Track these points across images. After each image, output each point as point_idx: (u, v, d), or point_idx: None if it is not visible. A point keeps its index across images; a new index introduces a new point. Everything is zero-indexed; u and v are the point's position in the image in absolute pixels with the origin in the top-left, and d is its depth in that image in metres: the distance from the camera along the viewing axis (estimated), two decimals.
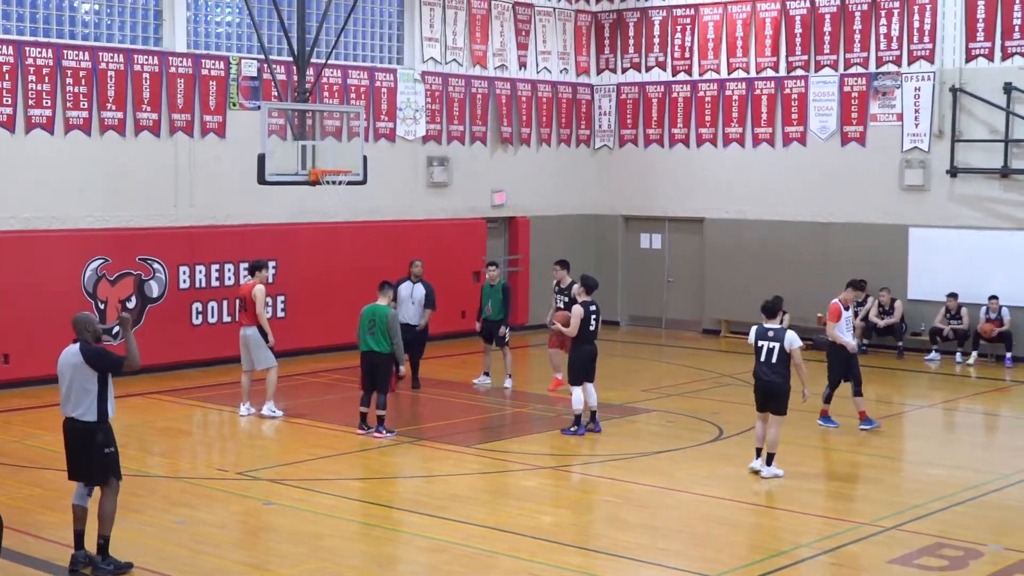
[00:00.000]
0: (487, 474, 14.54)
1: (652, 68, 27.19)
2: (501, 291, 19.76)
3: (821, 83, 24.96)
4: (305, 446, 15.79)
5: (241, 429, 17.19)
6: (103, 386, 10.60)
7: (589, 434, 16.42)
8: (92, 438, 10.59)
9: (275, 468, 14.68)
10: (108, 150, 20.37)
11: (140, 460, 14.84)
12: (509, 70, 26.26)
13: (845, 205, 24.77)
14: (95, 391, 10.55)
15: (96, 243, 20.07)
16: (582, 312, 16.40)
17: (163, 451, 15.73)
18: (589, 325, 16.46)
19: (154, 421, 17.27)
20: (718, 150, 26.35)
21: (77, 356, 10.57)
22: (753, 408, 14.65)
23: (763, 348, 14.30)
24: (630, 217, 27.99)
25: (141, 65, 20.58)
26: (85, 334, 10.67)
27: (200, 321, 21.27)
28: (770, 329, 14.37)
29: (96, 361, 10.54)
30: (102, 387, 10.59)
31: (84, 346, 10.60)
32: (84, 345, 10.61)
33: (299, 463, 14.90)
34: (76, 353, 10.59)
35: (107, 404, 10.64)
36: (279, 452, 15.82)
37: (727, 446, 15.93)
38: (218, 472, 14.51)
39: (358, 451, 15.62)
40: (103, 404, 10.61)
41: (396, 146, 24.33)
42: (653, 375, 21.81)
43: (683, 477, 14.20)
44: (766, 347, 14.28)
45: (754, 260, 25.72)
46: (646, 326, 27.71)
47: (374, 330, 16.22)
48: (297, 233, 22.54)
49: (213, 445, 16.75)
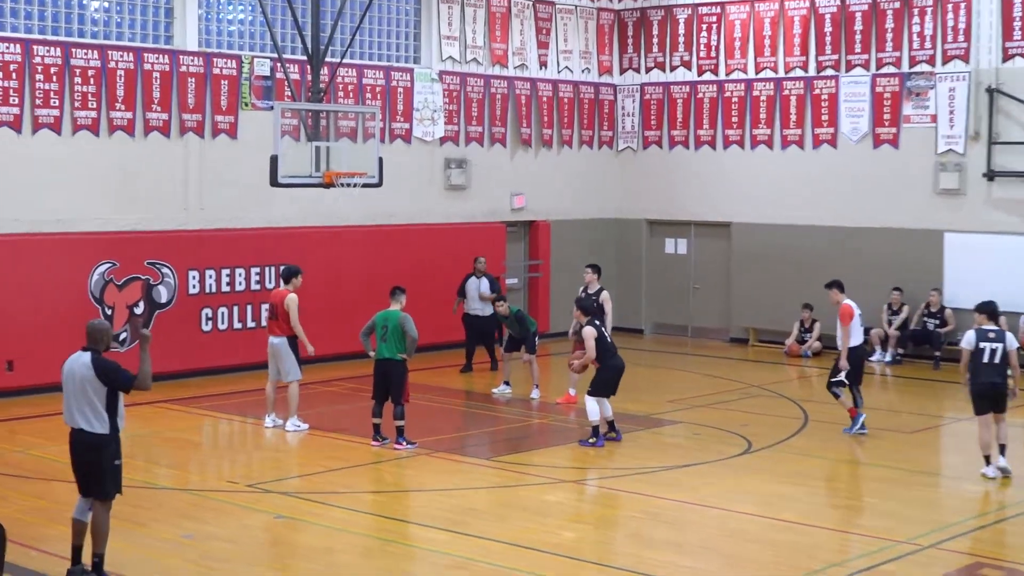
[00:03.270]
0: (506, 487, 14.42)
1: (677, 68, 27.06)
2: (516, 321, 19.82)
3: (852, 83, 24.79)
4: (318, 458, 15.70)
5: (251, 440, 17.12)
6: (113, 398, 10.49)
7: (610, 445, 16.30)
8: (104, 451, 10.49)
9: (287, 480, 14.60)
10: (117, 151, 20.33)
11: (147, 472, 14.76)
12: (529, 69, 26.16)
13: (877, 209, 24.58)
14: (103, 403, 10.45)
15: (103, 247, 20.04)
16: (595, 332, 16.45)
17: (171, 463, 15.64)
18: (606, 339, 16.62)
19: (162, 431, 17.20)
20: (745, 152, 26.20)
21: (88, 368, 10.44)
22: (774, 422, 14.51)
23: (985, 349, 14.62)
24: (654, 221, 27.85)
25: (151, 64, 20.55)
26: (99, 344, 10.58)
27: (210, 328, 21.22)
28: (991, 330, 14.75)
29: (107, 376, 10.43)
30: (112, 399, 10.49)
31: (96, 357, 10.48)
32: (96, 356, 10.49)
33: (312, 475, 14.81)
34: (87, 364, 10.46)
35: (117, 417, 10.54)
36: (291, 464, 15.74)
37: (756, 460, 15.77)
38: (228, 484, 14.43)
39: (372, 463, 15.52)
40: (114, 417, 10.51)
41: (413, 148, 24.26)
42: (679, 385, 21.67)
43: (710, 492, 14.06)
44: (989, 348, 14.60)
45: (783, 266, 25.56)
46: (671, 334, 27.56)
47: (387, 337, 16.10)
48: (310, 237, 22.47)
49: (223, 456, 16.67)
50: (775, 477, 14.67)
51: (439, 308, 23.08)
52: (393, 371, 16.16)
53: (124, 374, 10.46)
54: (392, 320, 16.16)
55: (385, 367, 16.20)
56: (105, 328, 10.69)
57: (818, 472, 15.14)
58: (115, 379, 10.43)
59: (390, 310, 16.35)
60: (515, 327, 19.97)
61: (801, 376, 22.86)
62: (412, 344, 16.16)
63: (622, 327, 25.96)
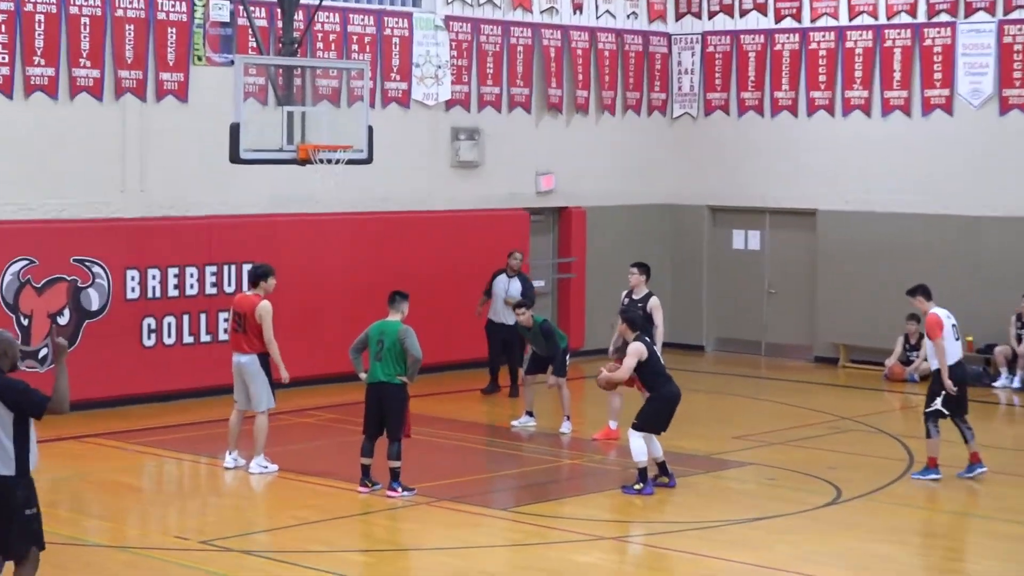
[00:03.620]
0: (527, 546, 14.48)
1: (749, 11, 27.12)
2: (542, 335, 19.89)
3: (973, 32, 24.81)
4: (289, 507, 15.77)
5: (206, 484, 17.18)
6: (22, 428, 10.56)
7: (661, 492, 16.36)
8: (10, 497, 10.57)
9: (249, 536, 14.67)
10: (34, 117, 20.46)
11: (73, 524, 14.86)
12: (561, 15, 26.25)
13: (1004, 193, 24.61)
14: (10, 435, 10.51)
15: (18, 239, 20.16)
16: (644, 350, 16.47)
17: (104, 513, 15.73)
18: (660, 360, 16.74)
19: (91, 473, 17.31)
20: (835, 120, 26.24)
21: None
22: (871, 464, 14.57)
23: None
24: (718, 208, 27.92)
25: (79, 7, 20.69)
26: (2, 361, 10.64)
27: (153, 342, 21.33)
28: None
29: (11, 399, 10.47)
30: (20, 430, 10.54)
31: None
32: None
33: (281, 529, 14.89)
34: None
35: (28, 452, 10.60)
36: (255, 515, 15.83)
37: (846, 512, 15.81)
38: (175, 540, 14.52)
39: (359, 514, 15.60)
40: (22, 452, 10.57)
41: (411, 114, 24.36)
42: (749, 417, 21.72)
43: (787, 553, 14.10)
44: None
45: (882, 266, 25.57)
46: (739, 352, 27.61)
47: (383, 355, 16.15)
48: (280, 228, 22.59)
49: (170, 505, 16.76)
50: (871, 533, 14.69)
51: (446, 318, 23.19)
52: (390, 398, 16.22)
53: (34, 396, 10.46)
54: (390, 334, 16.17)
55: (380, 392, 16.25)
56: (7, 340, 10.73)
57: (924, 527, 15.17)
58: (23, 402, 10.44)
59: (387, 321, 16.38)
60: (540, 343, 20.04)
61: (905, 406, 22.86)
62: (414, 365, 16.19)
63: (676, 343, 26.03)
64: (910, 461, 18.26)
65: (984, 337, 24.20)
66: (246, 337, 17.14)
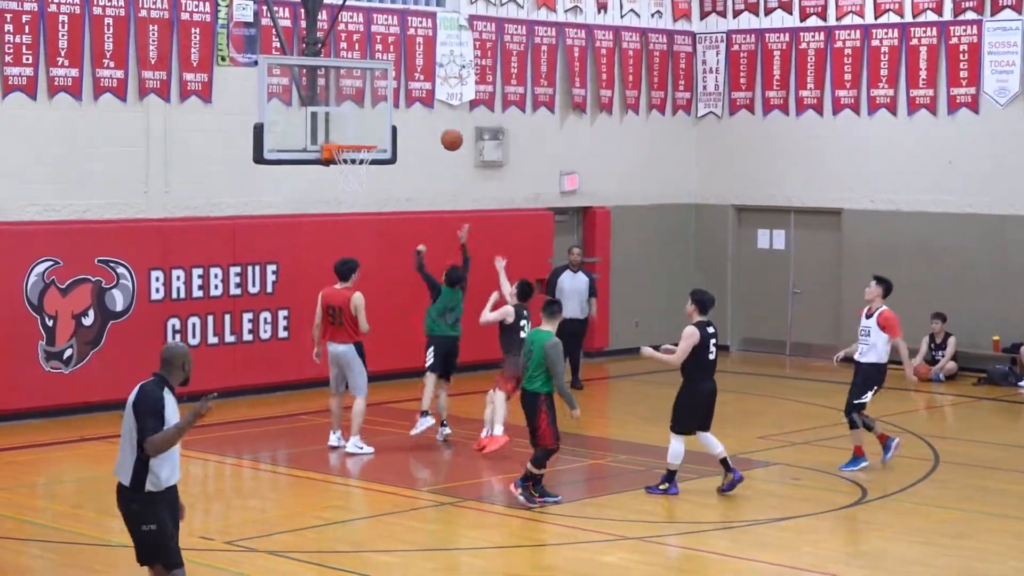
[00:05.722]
0: (553, 546, 14.53)
1: (774, 10, 27.11)
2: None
3: (999, 30, 24.77)
4: (314, 508, 15.86)
5: (231, 485, 17.24)
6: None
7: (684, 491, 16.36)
8: (127, 507, 10.64)
9: (274, 536, 14.73)
10: (59, 119, 20.54)
11: (99, 525, 14.92)
12: (585, 14, 26.27)
13: None
14: (133, 448, 10.53)
15: (42, 240, 20.23)
16: (697, 336, 16.19)
17: None
18: (708, 353, 16.27)
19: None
20: (861, 119, 26.22)
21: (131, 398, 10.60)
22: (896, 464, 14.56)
23: None
24: (743, 208, 27.91)
25: (102, 7, 20.77)
26: (175, 373, 10.75)
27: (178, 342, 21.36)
28: None
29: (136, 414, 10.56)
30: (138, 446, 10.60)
31: (147, 387, 10.66)
32: (148, 385, 10.67)
33: (305, 530, 14.95)
34: (133, 394, 10.62)
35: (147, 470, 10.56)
36: (283, 515, 15.86)
37: (871, 511, 15.85)
38: (201, 541, 14.57)
39: (383, 515, 15.65)
40: (141, 468, 10.56)
41: (435, 113, 24.40)
42: (774, 417, 21.72)
43: (813, 553, 14.12)
44: None
45: (908, 265, 25.50)
46: (765, 351, 27.60)
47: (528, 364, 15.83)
48: (304, 228, 22.64)
49: (196, 505, 16.76)
50: (897, 534, 14.71)
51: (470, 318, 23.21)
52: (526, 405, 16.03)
53: (147, 422, 10.51)
54: (538, 345, 15.80)
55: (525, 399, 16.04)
56: (183, 354, 10.95)
57: (951, 528, 15.15)
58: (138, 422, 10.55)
59: (541, 330, 16.02)
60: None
61: (931, 406, 22.86)
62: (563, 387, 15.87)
63: None
64: (935, 461, 18.26)
65: (1010, 336, 24.16)
66: (343, 328, 18.39)
